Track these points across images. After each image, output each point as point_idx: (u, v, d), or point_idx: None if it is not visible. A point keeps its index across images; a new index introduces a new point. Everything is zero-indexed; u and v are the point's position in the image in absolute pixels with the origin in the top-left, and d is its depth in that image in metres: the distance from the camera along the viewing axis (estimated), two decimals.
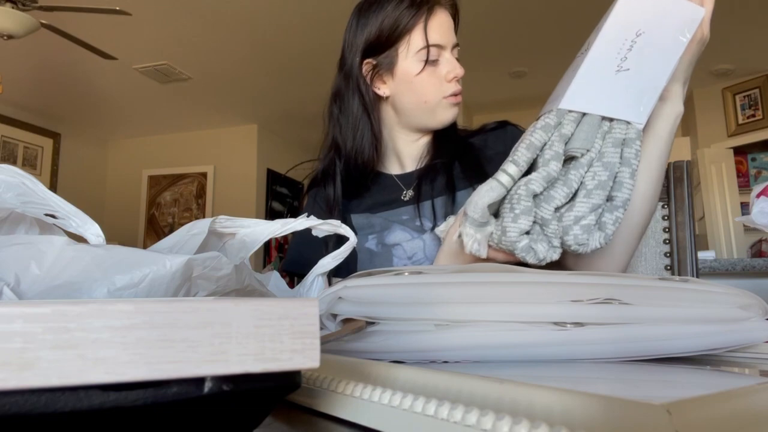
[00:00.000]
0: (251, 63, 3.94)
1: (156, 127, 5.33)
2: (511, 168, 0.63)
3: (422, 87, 0.94)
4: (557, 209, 0.62)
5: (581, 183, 0.63)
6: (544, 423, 0.20)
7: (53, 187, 4.93)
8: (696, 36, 0.68)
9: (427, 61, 0.93)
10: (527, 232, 0.61)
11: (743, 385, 0.24)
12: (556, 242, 0.61)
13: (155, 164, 5.53)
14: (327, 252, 0.68)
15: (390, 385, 0.27)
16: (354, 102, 1.00)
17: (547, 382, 0.27)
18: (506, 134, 1.00)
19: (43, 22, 2.84)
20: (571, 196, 0.62)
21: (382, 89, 0.99)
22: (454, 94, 0.95)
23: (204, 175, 5.36)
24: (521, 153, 0.63)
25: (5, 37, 2.70)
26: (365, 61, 0.98)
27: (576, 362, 0.38)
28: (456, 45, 0.96)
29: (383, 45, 0.96)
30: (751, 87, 4.12)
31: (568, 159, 0.64)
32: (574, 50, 0.69)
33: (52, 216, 0.44)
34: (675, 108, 0.71)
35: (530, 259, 0.61)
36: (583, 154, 0.63)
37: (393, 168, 1.05)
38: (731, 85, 4.20)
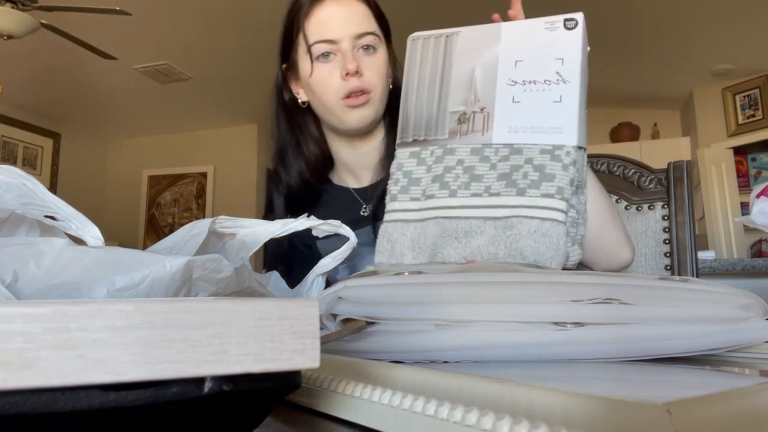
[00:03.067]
0: (251, 63, 3.94)
1: (156, 127, 5.32)
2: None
3: (318, 88, 0.86)
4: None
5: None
6: (544, 423, 0.20)
7: (53, 187, 4.93)
8: None
9: (312, 60, 0.85)
10: None
11: (743, 385, 0.24)
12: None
13: (155, 164, 5.53)
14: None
15: (390, 385, 0.27)
16: (281, 110, 0.95)
17: (547, 382, 0.27)
18: None
19: (43, 22, 2.84)
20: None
21: (300, 94, 0.93)
22: (351, 94, 0.85)
23: (204, 175, 5.35)
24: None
25: (5, 37, 2.70)
26: (283, 66, 0.93)
27: (576, 362, 0.38)
28: (364, 34, 0.85)
29: (287, 47, 0.91)
30: (751, 87, 4.11)
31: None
32: None
33: (52, 218, 0.44)
34: None
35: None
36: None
37: (349, 181, 0.98)
38: (731, 85, 4.20)
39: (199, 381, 0.20)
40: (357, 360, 0.33)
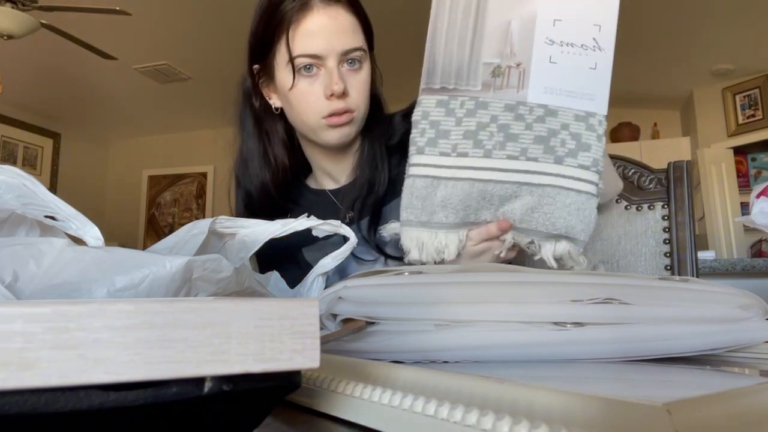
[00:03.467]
0: None
1: (156, 127, 5.32)
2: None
3: (298, 104, 0.81)
4: None
5: None
6: (544, 423, 0.20)
7: (53, 187, 4.93)
8: None
9: (294, 74, 0.79)
10: None
11: (743, 385, 0.24)
12: None
13: (155, 164, 5.53)
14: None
15: (390, 385, 0.27)
16: (249, 114, 0.90)
17: (547, 382, 0.27)
18: None
19: (43, 22, 2.84)
20: None
21: (273, 100, 0.87)
22: (334, 114, 0.80)
23: (204, 175, 5.35)
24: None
25: (5, 37, 2.70)
26: (253, 66, 0.87)
27: (576, 362, 0.38)
28: (352, 50, 0.80)
29: (262, 48, 0.84)
30: (751, 87, 4.11)
31: None
32: None
33: (52, 218, 0.44)
34: None
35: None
36: None
37: (327, 183, 0.94)
38: (731, 85, 4.20)
39: (199, 381, 0.20)
40: (357, 360, 0.33)
